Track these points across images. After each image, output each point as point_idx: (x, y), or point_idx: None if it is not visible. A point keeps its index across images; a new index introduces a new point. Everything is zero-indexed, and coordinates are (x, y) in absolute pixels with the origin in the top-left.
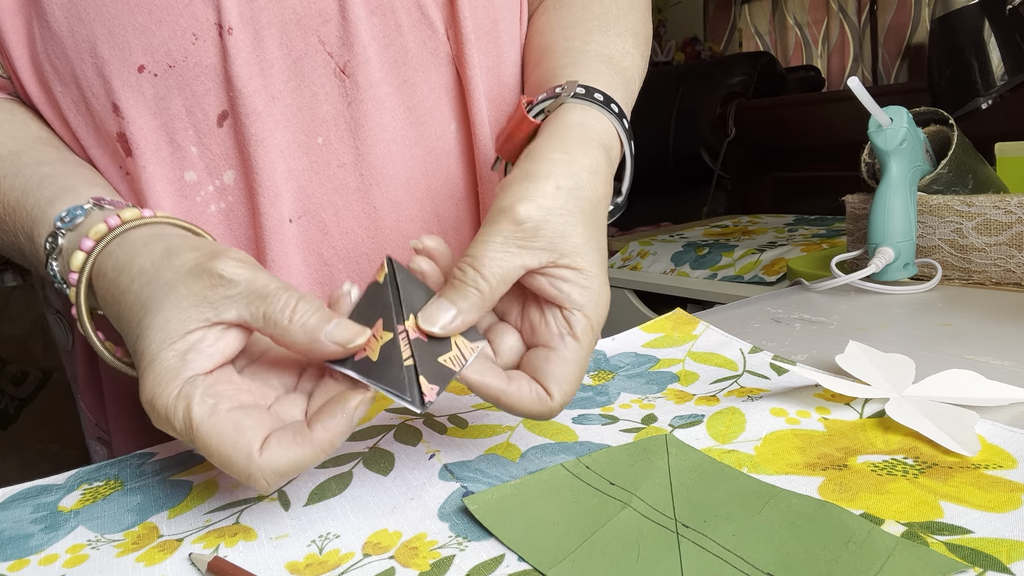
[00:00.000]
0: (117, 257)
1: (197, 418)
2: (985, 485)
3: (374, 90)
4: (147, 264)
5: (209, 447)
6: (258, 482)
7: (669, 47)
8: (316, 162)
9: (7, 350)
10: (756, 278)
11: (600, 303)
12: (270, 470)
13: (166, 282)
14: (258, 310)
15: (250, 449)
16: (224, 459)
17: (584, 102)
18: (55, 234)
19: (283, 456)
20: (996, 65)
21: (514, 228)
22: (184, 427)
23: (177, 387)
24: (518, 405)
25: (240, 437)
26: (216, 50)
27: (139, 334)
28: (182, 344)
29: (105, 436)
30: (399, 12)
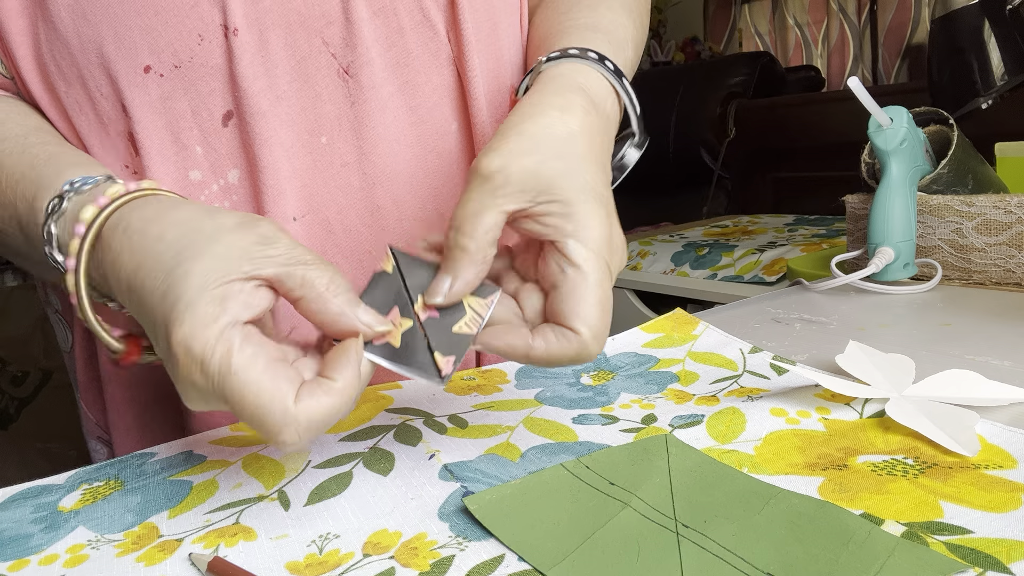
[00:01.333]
0: (145, 211)
1: (237, 365)
2: (985, 485)
3: (377, 90)
4: (186, 216)
5: (245, 397)
6: (290, 435)
7: (669, 47)
8: (320, 161)
9: (7, 350)
10: (756, 278)
11: (592, 226)
12: (305, 420)
13: (209, 234)
14: (297, 272)
15: (286, 400)
16: (259, 409)
17: (558, 60)
18: (62, 196)
19: (317, 406)
20: (996, 65)
21: (482, 182)
22: (219, 372)
23: (218, 331)
24: (550, 355)
25: (278, 388)
26: (221, 51)
27: (171, 282)
28: (220, 292)
29: (105, 436)
30: (401, 14)
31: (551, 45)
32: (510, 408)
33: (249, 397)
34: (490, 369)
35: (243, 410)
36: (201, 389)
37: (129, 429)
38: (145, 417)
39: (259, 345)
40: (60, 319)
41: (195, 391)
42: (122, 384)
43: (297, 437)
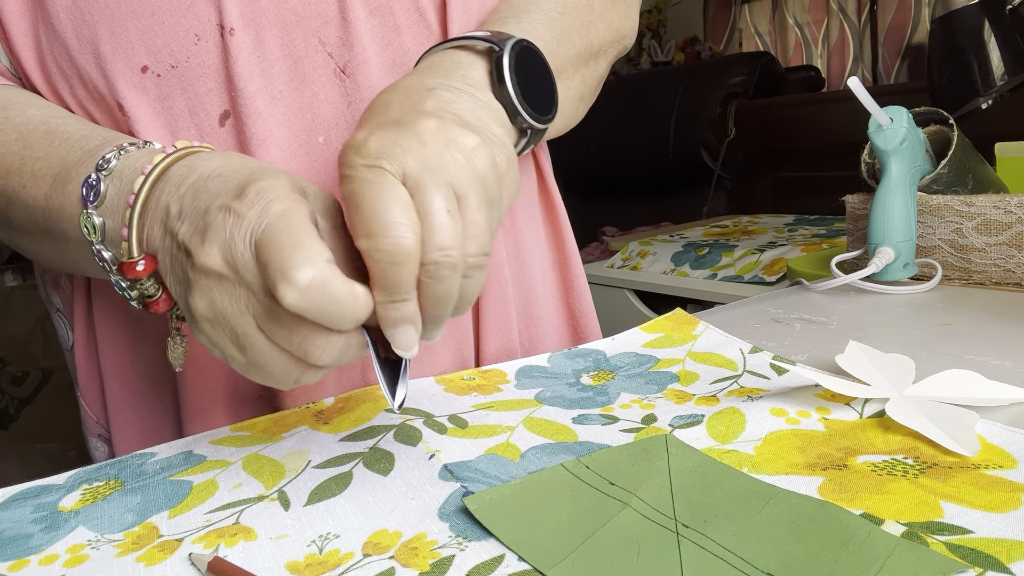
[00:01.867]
0: (208, 155)
1: (298, 213)
2: (985, 485)
3: (374, 90)
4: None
5: (289, 230)
6: (304, 278)
7: (669, 47)
8: (317, 161)
9: (7, 350)
10: (756, 278)
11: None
12: (323, 278)
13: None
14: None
15: (320, 251)
16: (293, 241)
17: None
18: (134, 143)
19: (340, 281)
20: (996, 65)
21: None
22: (277, 212)
23: (296, 196)
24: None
25: (320, 244)
26: (218, 51)
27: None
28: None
29: (106, 434)
30: (398, 13)
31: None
32: (510, 408)
33: (293, 231)
34: (490, 369)
35: (277, 241)
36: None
37: (129, 427)
38: (145, 413)
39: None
40: (61, 317)
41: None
42: (122, 381)
43: (309, 283)
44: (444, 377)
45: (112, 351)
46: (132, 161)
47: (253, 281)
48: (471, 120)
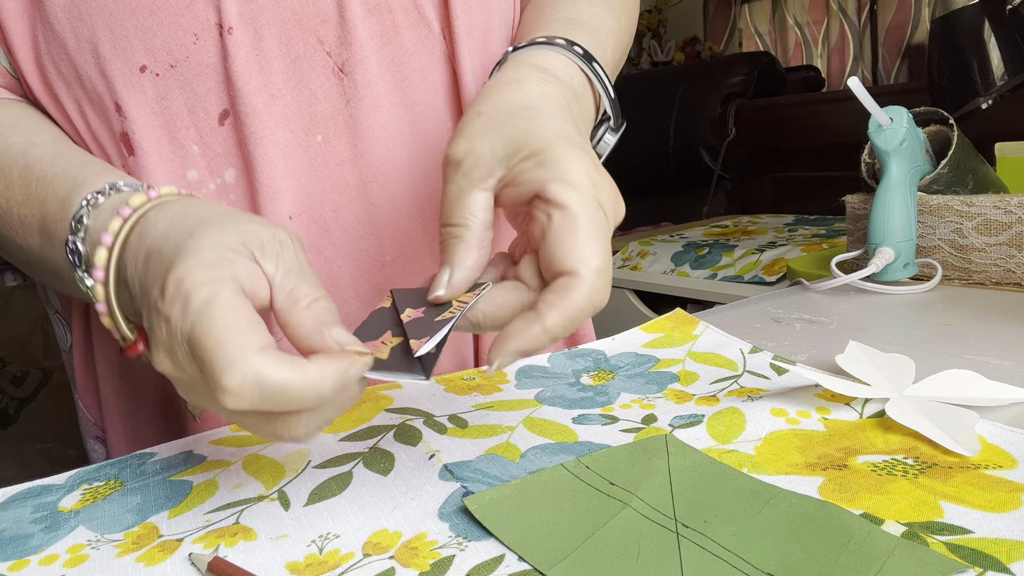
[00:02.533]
0: (173, 206)
1: (218, 302)
2: (985, 485)
3: (372, 88)
4: (209, 208)
5: (211, 329)
6: (234, 379)
7: (669, 47)
8: (315, 160)
9: (7, 350)
10: (756, 278)
11: (570, 165)
12: (254, 373)
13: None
14: (290, 282)
15: (247, 344)
16: (217, 343)
17: (521, 49)
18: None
19: (276, 371)
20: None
21: (455, 168)
22: (198, 308)
23: (214, 275)
24: (565, 316)
25: (247, 332)
26: (216, 50)
27: (186, 240)
28: (231, 253)
29: (103, 436)
30: (396, 12)
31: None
32: (510, 408)
33: (214, 330)
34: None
35: (202, 345)
36: (172, 329)
37: (123, 429)
38: (136, 420)
39: (247, 305)
40: (59, 319)
41: (165, 332)
42: (114, 386)
43: (239, 385)
44: (444, 377)
45: (106, 355)
46: (100, 222)
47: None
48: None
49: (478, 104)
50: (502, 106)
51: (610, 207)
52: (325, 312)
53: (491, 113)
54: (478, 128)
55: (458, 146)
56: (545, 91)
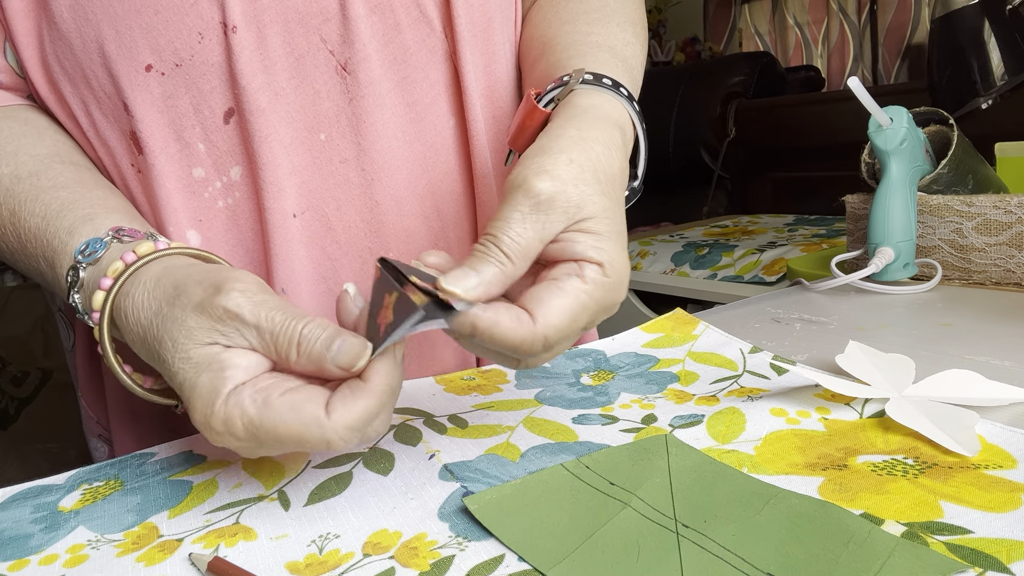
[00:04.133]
0: (134, 297)
1: (255, 416)
2: (985, 485)
3: (374, 87)
4: (160, 305)
5: (280, 435)
6: (336, 444)
7: (669, 47)
8: (319, 158)
9: (7, 350)
10: (756, 278)
11: (614, 261)
12: (343, 428)
13: (176, 318)
14: (267, 343)
15: (317, 417)
16: (298, 437)
17: (594, 87)
18: (75, 268)
19: (350, 412)
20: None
21: (529, 201)
22: (247, 431)
23: (223, 399)
24: (493, 327)
25: (302, 412)
26: (221, 48)
27: (169, 371)
28: (216, 365)
29: (106, 433)
30: (398, 10)
31: (566, 58)
32: (510, 408)
33: (282, 433)
34: (490, 369)
35: (287, 445)
36: (243, 448)
37: (128, 427)
38: (142, 415)
39: (267, 389)
40: (63, 317)
41: (241, 450)
42: (119, 383)
43: (343, 443)
44: (444, 377)
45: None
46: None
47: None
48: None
49: (570, 147)
50: (594, 170)
51: (613, 305)
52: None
53: (582, 166)
54: (567, 177)
55: (544, 182)
56: (623, 166)
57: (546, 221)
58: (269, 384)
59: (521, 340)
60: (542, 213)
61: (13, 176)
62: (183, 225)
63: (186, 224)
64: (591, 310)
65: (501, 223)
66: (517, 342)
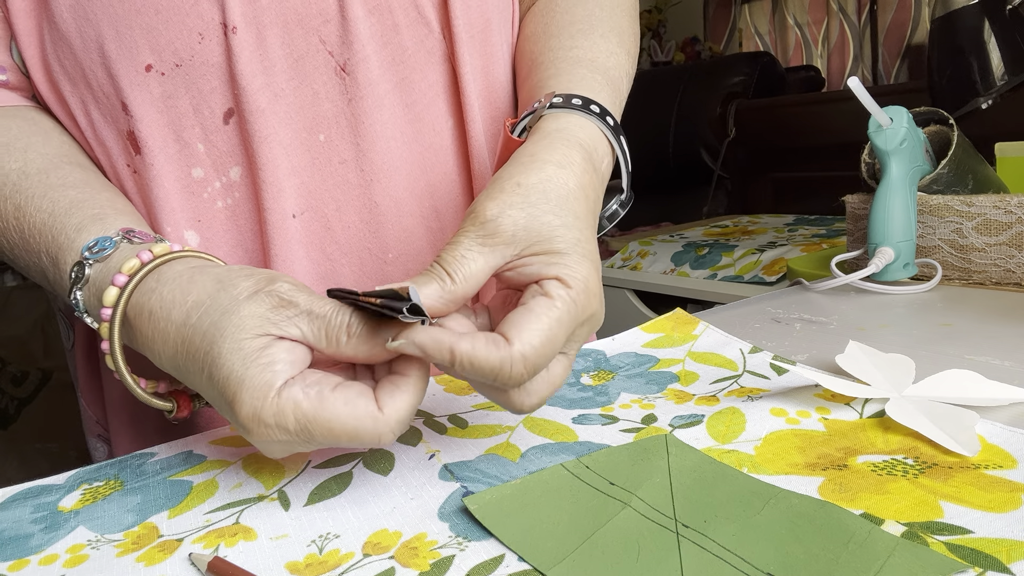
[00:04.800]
0: (162, 294)
1: (310, 410)
2: (985, 485)
3: (373, 88)
4: (203, 296)
5: (334, 430)
6: (387, 438)
7: (669, 47)
8: (318, 159)
9: (7, 350)
10: (756, 278)
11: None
12: (395, 422)
13: (226, 309)
14: (319, 329)
15: (372, 412)
16: (352, 433)
17: (562, 110)
18: (82, 263)
19: (401, 406)
20: (996, 65)
21: (477, 227)
22: (299, 425)
23: (276, 393)
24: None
25: (356, 407)
26: (221, 49)
27: (212, 363)
28: (264, 358)
29: (105, 433)
30: (396, 12)
31: (546, 77)
32: None
33: (337, 429)
34: None
35: (339, 439)
36: (286, 444)
37: (127, 427)
38: (141, 416)
39: (319, 383)
40: (63, 317)
41: (279, 447)
42: (118, 383)
43: (394, 436)
44: (444, 377)
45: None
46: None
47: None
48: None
49: (520, 171)
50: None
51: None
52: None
53: (530, 188)
54: (514, 200)
55: (489, 208)
56: (583, 183)
57: (492, 247)
58: (318, 379)
59: (500, 362)
60: (488, 236)
61: (21, 172)
62: (181, 225)
63: (184, 224)
64: (565, 324)
65: (450, 248)
66: (496, 364)
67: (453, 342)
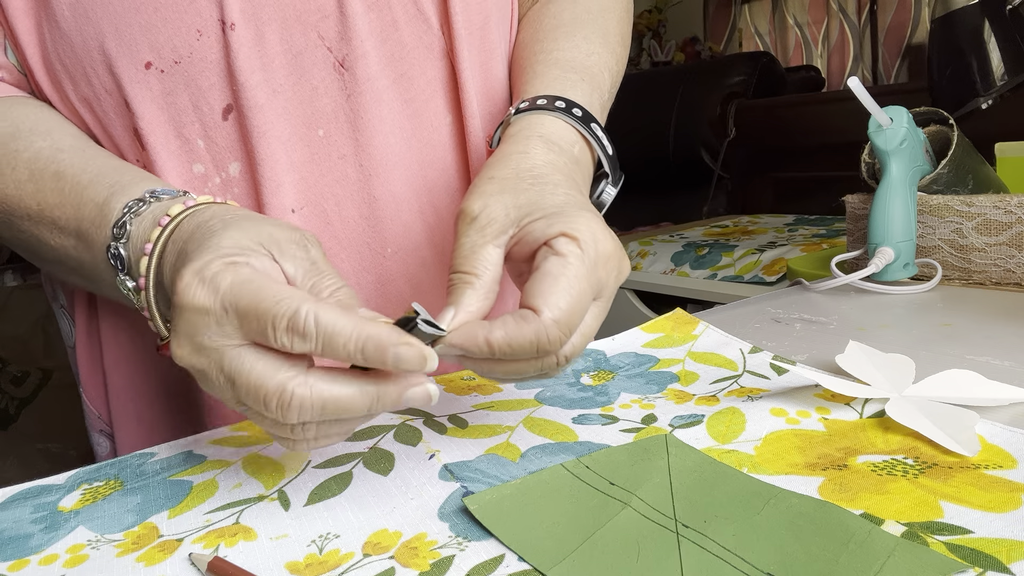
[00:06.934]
0: (204, 213)
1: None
2: (985, 485)
3: (372, 83)
4: (235, 213)
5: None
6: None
7: (669, 47)
8: (317, 154)
9: (7, 350)
10: (756, 278)
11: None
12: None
13: (255, 218)
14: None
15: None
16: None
17: (524, 113)
18: (142, 200)
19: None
20: (996, 65)
21: (469, 224)
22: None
23: (230, 260)
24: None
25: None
26: (219, 46)
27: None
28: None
29: (108, 429)
30: (395, 8)
31: (524, 83)
32: (510, 408)
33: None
34: None
35: (251, 327)
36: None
37: (131, 420)
38: (149, 409)
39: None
40: (65, 314)
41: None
42: (124, 375)
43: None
44: (444, 377)
45: (115, 346)
46: (143, 230)
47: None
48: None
49: (489, 170)
50: (512, 172)
51: (612, 266)
52: (348, 299)
53: (503, 178)
54: (492, 190)
55: (473, 203)
56: (550, 159)
57: (488, 234)
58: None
59: (535, 335)
60: (485, 226)
61: (54, 147)
62: None
63: None
64: (584, 275)
65: (456, 251)
66: (533, 338)
67: (487, 332)
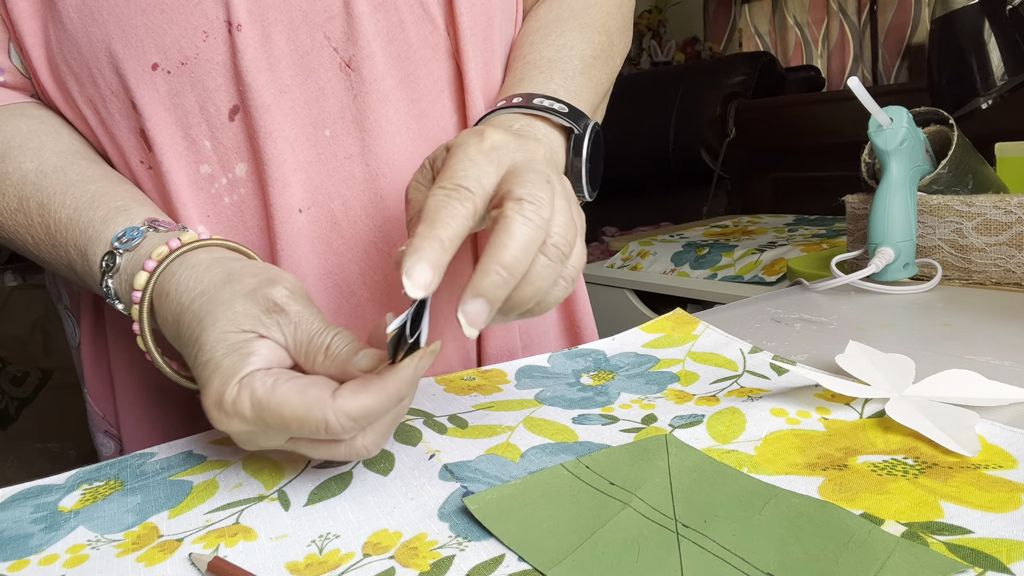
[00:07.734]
0: (180, 278)
1: (263, 395)
2: (985, 485)
3: (378, 83)
4: (209, 286)
5: (284, 415)
6: (334, 426)
7: (669, 47)
8: (324, 154)
9: (7, 350)
10: (756, 278)
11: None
12: (344, 413)
13: (223, 300)
14: (300, 343)
15: (322, 397)
16: (301, 418)
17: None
18: (112, 253)
19: (356, 400)
20: (996, 65)
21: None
22: (254, 412)
23: (238, 381)
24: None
25: (307, 393)
26: (226, 47)
27: (199, 348)
28: (244, 350)
29: (112, 430)
30: (401, 8)
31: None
32: (510, 408)
33: (287, 414)
34: (490, 369)
35: (291, 426)
36: (247, 432)
37: (139, 420)
38: (156, 408)
39: (279, 375)
40: (68, 314)
41: (243, 436)
42: (132, 376)
43: (341, 428)
44: (444, 377)
45: (121, 347)
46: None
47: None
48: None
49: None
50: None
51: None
52: (344, 351)
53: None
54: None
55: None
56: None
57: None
58: (283, 371)
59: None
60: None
61: (39, 171)
62: (193, 221)
63: (196, 220)
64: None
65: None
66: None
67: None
